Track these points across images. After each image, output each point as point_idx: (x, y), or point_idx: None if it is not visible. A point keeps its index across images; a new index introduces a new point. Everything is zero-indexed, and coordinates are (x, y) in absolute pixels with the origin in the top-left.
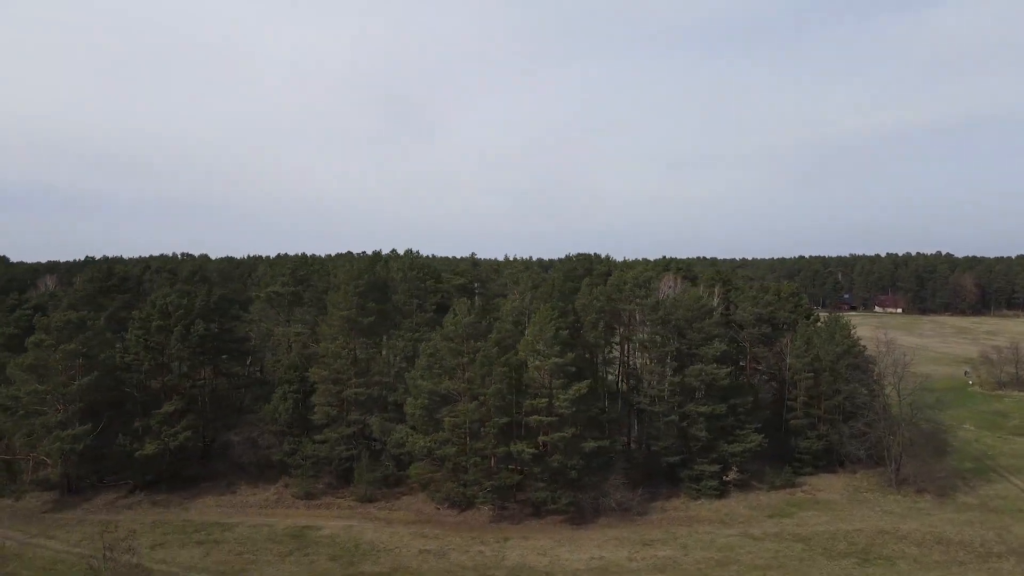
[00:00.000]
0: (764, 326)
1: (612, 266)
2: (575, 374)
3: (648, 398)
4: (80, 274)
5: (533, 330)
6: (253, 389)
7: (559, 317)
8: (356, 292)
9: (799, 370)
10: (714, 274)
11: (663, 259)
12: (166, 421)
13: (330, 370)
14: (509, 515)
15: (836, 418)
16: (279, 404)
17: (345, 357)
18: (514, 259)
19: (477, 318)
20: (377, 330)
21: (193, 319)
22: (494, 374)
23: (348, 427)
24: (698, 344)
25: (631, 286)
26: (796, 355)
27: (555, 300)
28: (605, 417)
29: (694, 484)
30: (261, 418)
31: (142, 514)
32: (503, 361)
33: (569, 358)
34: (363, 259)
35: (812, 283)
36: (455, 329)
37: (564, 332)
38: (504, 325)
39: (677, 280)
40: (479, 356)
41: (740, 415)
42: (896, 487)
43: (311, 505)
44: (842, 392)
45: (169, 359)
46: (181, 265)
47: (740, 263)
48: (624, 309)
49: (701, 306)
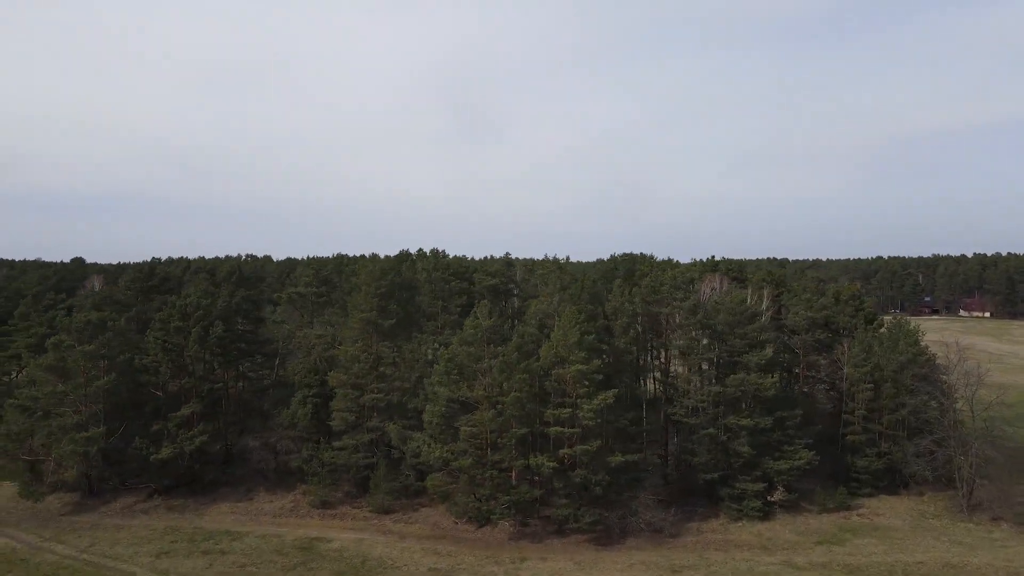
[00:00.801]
0: (819, 332)
1: (654, 266)
2: (602, 382)
3: (685, 409)
4: (124, 275)
5: (557, 335)
6: (274, 393)
7: (586, 321)
8: (377, 294)
9: (857, 380)
10: (765, 275)
11: (711, 259)
12: (183, 425)
13: (349, 374)
14: (530, 532)
15: (899, 434)
16: (298, 409)
17: (364, 361)
18: (552, 259)
19: (500, 321)
20: (399, 333)
21: (212, 320)
22: (514, 381)
23: (367, 434)
24: (741, 351)
25: (669, 287)
26: (854, 364)
27: (584, 303)
28: (636, 429)
29: (735, 504)
30: (280, 423)
31: (156, 519)
32: (523, 368)
33: (595, 365)
34: (387, 259)
35: (890, 285)
36: (474, 333)
37: (590, 337)
38: (528, 329)
39: (723, 281)
40: (497, 362)
41: (788, 429)
42: (967, 513)
43: (326, 515)
44: (907, 405)
45: (187, 361)
46: (221, 265)
47: (811, 264)
48: (660, 312)
49: (745, 309)
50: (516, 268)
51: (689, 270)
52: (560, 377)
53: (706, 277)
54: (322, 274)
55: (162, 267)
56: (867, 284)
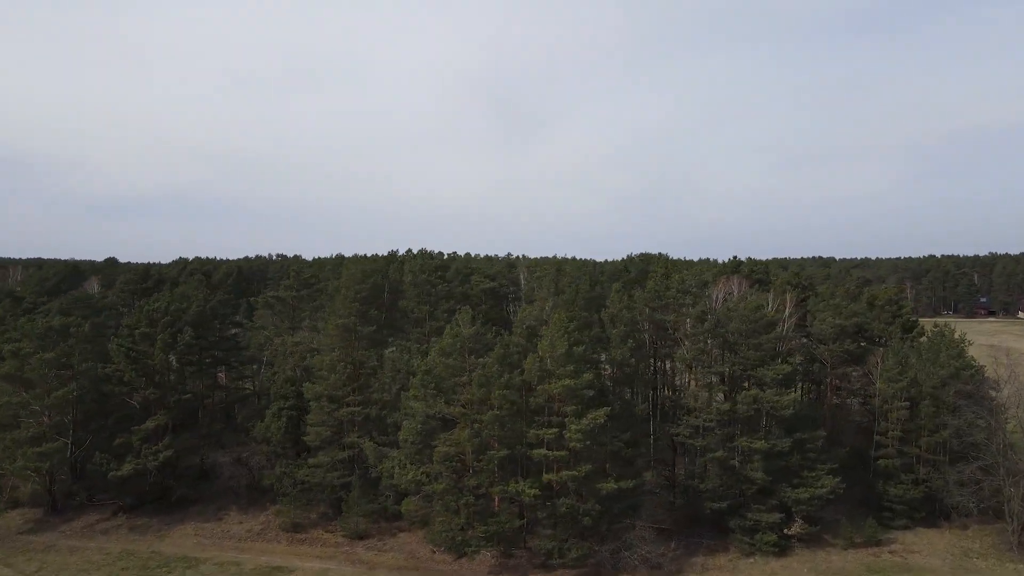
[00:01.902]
0: (848, 341)
1: (669, 267)
2: (594, 399)
3: (691, 429)
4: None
5: (543, 345)
6: (248, 404)
7: (577, 330)
8: (357, 298)
9: (891, 397)
10: (790, 277)
11: (732, 260)
12: (148, 438)
13: (325, 385)
14: (513, 565)
15: (940, 459)
16: (272, 422)
17: (341, 371)
18: (552, 258)
19: (484, 329)
20: (382, 341)
21: (182, 326)
22: (494, 397)
23: (343, 451)
24: (756, 364)
25: (675, 292)
26: (888, 378)
27: (578, 308)
28: (633, 452)
29: (746, 537)
30: (254, 437)
31: (114, 541)
32: (504, 382)
33: (585, 379)
34: (371, 260)
35: (942, 285)
36: (453, 343)
37: (580, 348)
38: (514, 338)
39: (742, 284)
40: (475, 375)
41: (809, 452)
42: (1018, 552)
43: (295, 539)
44: (949, 426)
45: (154, 370)
46: (217, 267)
47: (859, 263)
48: (666, 320)
49: (760, 317)
50: (519, 269)
51: (703, 272)
52: (545, 393)
53: (720, 280)
54: (303, 276)
55: (157, 268)
56: (917, 284)
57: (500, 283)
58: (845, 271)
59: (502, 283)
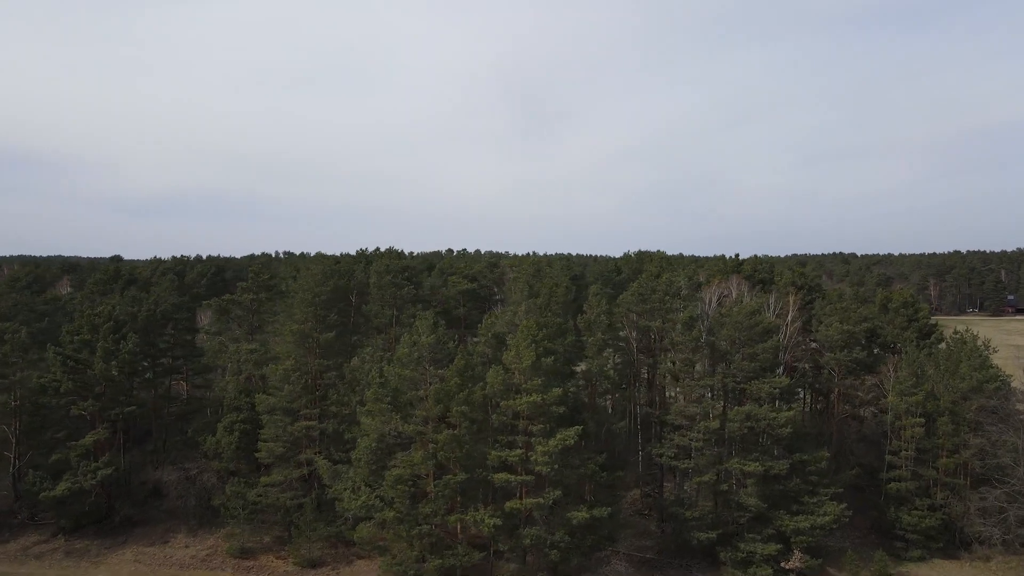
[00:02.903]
0: (858, 349)
1: (665, 266)
2: (564, 417)
3: (676, 449)
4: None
5: (508, 355)
6: (199, 417)
7: (547, 338)
8: (315, 302)
9: (904, 413)
10: (795, 276)
11: (734, 258)
12: (86, 455)
13: (279, 397)
14: None
15: (959, 483)
16: (223, 436)
17: (296, 382)
18: (530, 255)
19: (446, 337)
20: (344, 348)
21: (125, 333)
22: (452, 414)
23: (297, 469)
24: (749, 376)
25: (661, 294)
26: (901, 391)
27: (551, 314)
28: (609, 477)
29: (739, 570)
30: (204, 453)
31: (47, 567)
32: (464, 397)
33: (554, 395)
34: (334, 260)
35: (968, 282)
36: (409, 353)
37: (550, 360)
38: (479, 347)
39: (740, 285)
40: (432, 389)
41: (810, 476)
42: None
43: (242, 567)
44: (970, 446)
45: (93, 381)
46: (192, 266)
47: (881, 259)
48: (649, 326)
49: (756, 323)
50: (504, 269)
51: (697, 271)
52: (510, 410)
53: (714, 281)
54: (261, 277)
55: (128, 268)
56: (942, 281)
57: (481, 284)
58: (866, 267)
59: (484, 284)
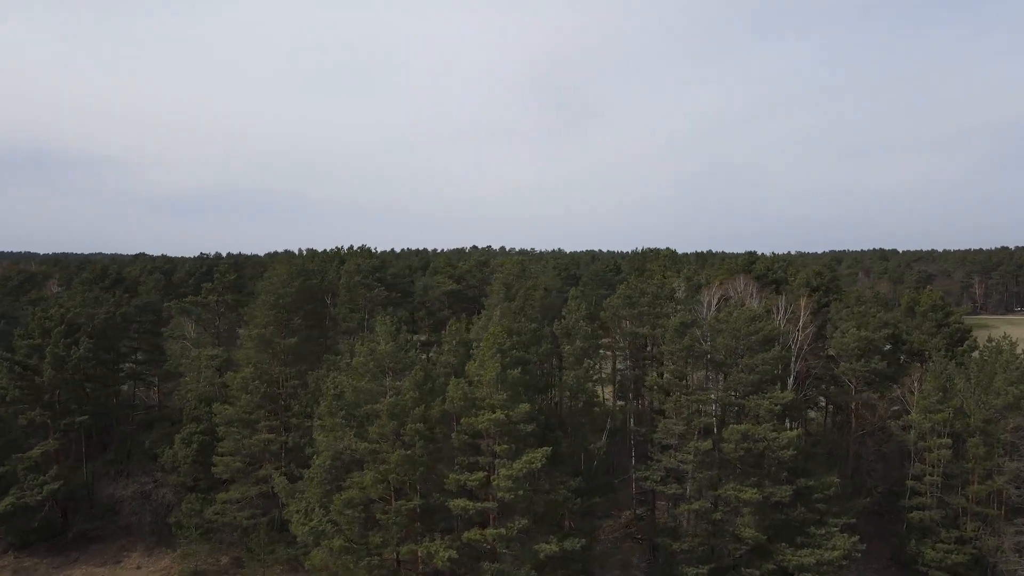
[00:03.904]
0: (877, 358)
1: (670, 264)
2: (534, 436)
3: (662, 473)
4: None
5: (472, 366)
6: (159, 428)
7: (515, 347)
8: (279, 304)
9: (928, 432)
10: (810, 276)
11: (748, 255)
12: (35, 467)
13: (237, 407)
14: None
15: (992, 512)
16: (180, 449)
17: (255, 391)
18: (517, 252)
19: (408, 344)
20: (310, 355)
21: (78, 338)
22: (406, 431)
23: (257, 486)
24: (748, 390)
25: (651, 297)
26: (925, 407)
27: (525, 320)
28: (584, 504)
29: None
30: (162, 466)
31: None
32: (419, 413)
33: (521, 411)
34: (300, 259)
35: (1015, 279)
36: (365, 362)
37: (516, 371)
38: (442, 356)
39: (751, 287)
40: (386, 404)
41: (817, 503)
42: None
43: None
44: (1004, 471)
45: (43, 388)
46: (179, 265)
47: (923, 255)
48: (639, 334)
49: (757, 330)
50: (494, 268)
51: (698, 271)
52: (471, 427)
53: (715, 282)
54: (227, 278)
55: (116, 266)
56: (987, 278)
57: (469, 284)
58: (906, 264)
59: (471, 284)
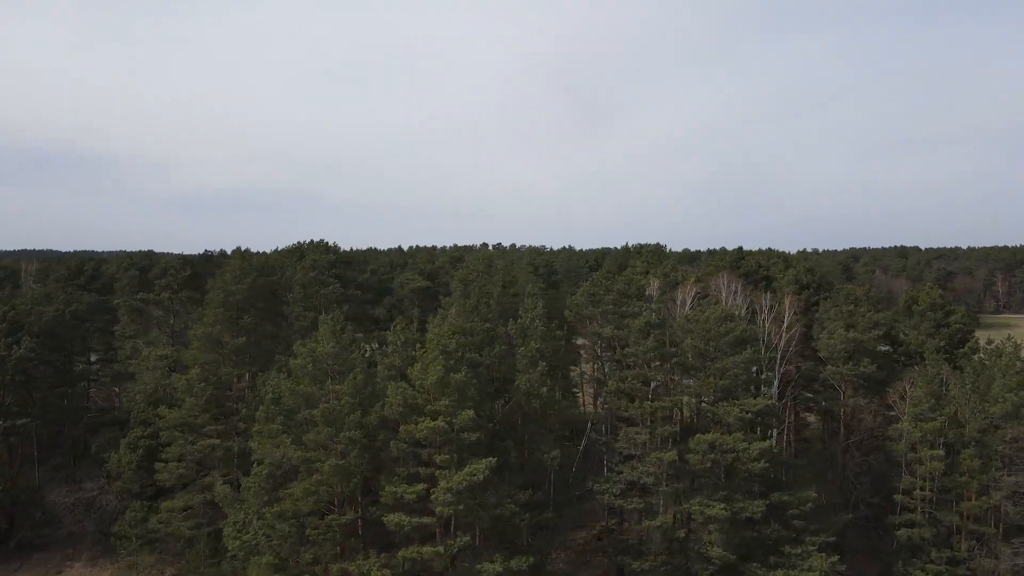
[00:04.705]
0: (866, 361)
1: (654, 261)
2: (477, 445)
3: (621, 486)
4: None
5: (414, 370)
6: (106, 432)
7: (460, 348)
8: (229, 301)
9: (919, 442)
10: (800, 273)
11: (736, 251)
12: None
13: (181, 411)
14: None
15: (989, 531)
16: (125, 455)
17: (200, 394)
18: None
19: (352, 345)
20: (257, 355)
21: (20, 337)
22: (341, 440)
23: (201, 493)
24: (716, 396)
25: (616, 295)
26: (915, 415)
27: (479, 319)
28: (536, 519)
29: None
30: (108, 472)
31: None
32: (355, 420)
33: (464, 417)
34: (257, 256)
35: None
36: (303, 364)
37: (460, 375)
38: (388, 358)
39: (735, 284)
40: (321, 410)
41: (792, 520)
42: None
43: None
44: (1002, 486)
45: None
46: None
47: (944, 252)
48: (598, 334)
49: (728, 331)
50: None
51: (675, 267)
52: (409, 436)
53: (690, 279)
54: (181, 275)
55: (93, 262)
56: (1011, 276)
57: (441, 281)
58: (925, 262)
59: (444, 281)
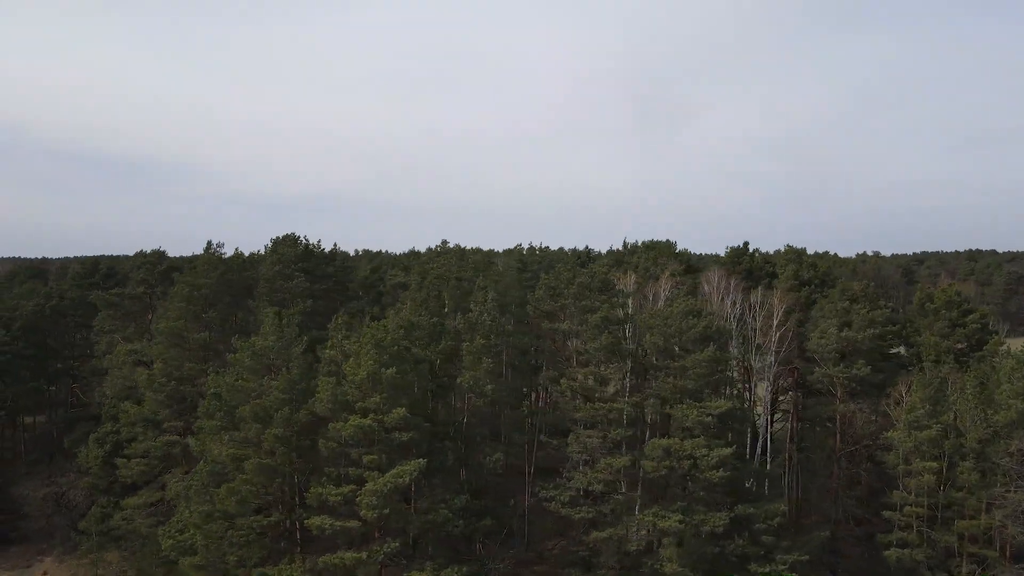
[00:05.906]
0: (860, 363)
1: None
2: (411, 446)
3: (571, 493)
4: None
5: (348, 365)
6: (80, 427)
7: (397, 347)
8: (194, 296)
9: (912, 453)
10: (801, 269)
11: (743, 247)
12: None
13: (142, 406)
14: None
15: (990, 554)
16: (92, 450)
17: (159, 389)
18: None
19: (294, 338)
20: (221, 351)
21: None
22: (267, 437)
23: (160, 491)
24: (676, 397)
25: (577, 288)
26: (909, 423)
27: (428, 312)
28: (471, 527)
29: None
30: (78, 467)
31: None
32: (283, 417)
33: (395, 415)
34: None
35: None
36: (241, 358)
37: (391, 371)
38: (328, 351)
39: (725, 281)
40: (250, 406)
41: (760, 534)
42: None
43: None
44: (1005, 504)
45: None
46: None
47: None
48: (555, 331)
49: (690, 327)
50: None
51: (655, 261)
52: (337, 435)
53: (664, 274)
54: (157, 269)
55: (108, 261)
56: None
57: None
58: (996, 265)
59: None
